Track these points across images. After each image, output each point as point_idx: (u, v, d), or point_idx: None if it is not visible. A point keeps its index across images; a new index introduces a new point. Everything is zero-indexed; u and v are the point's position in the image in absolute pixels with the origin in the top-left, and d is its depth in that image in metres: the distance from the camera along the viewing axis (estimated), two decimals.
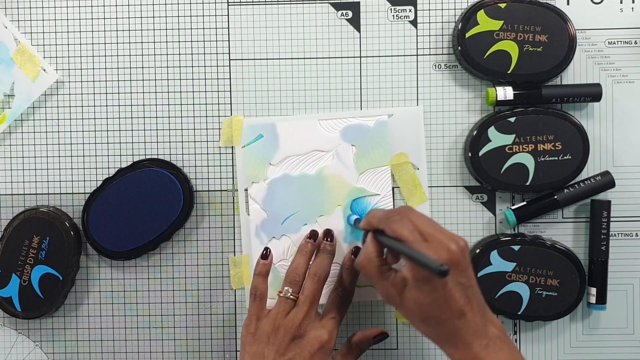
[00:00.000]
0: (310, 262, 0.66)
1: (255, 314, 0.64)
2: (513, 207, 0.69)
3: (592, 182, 0.68)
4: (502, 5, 0.67)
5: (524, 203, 0.69)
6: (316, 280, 0.64)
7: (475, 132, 0.68)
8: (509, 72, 0.67)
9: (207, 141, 0.71)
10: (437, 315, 0.56)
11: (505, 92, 0.68)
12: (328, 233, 0.67)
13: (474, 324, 0.56)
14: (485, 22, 0.67)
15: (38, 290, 0.69)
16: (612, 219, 0.69)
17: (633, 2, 0.70)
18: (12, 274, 0.69)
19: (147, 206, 0.69)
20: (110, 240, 0.69)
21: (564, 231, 0.70)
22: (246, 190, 0.71)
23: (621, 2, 0.70)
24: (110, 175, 0.70)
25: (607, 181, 0.68)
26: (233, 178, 0.71)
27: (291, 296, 0.64)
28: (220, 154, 0.71)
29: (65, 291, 0.69)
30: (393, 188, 0.70)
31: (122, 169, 0.69)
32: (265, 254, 0.67)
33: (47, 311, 0.69)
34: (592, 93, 0.68)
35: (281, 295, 0.64)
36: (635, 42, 0.70)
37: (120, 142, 0.71)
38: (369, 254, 0.60)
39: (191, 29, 0.71)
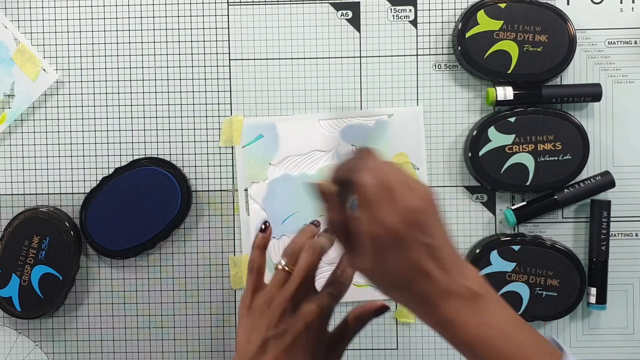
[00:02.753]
0: None
1: (251, 287, 0.62)
2: (513, 207, 0.69)
3: (592, 182, 0.68)
4: (502, 5, 0.67)
5: (524, 203, 0.69)
6: (312, 252, 0.61)
7: (475, 132, 0.68)
8: (509, 72, 0.67)
9: (207, 141, 0.71)
10: (400, 281, 0.50)
11: (505, 92, 0.68)
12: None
13: (442, 283, 0.49)
14: (485, 22, 0.67)
15: (38, 290, 0.69)
16: (612, 219, 0.69)
17: (633, 2, 0.70)
18: (12, 274, 0.69)
19: (144, 205, 0.69)
20: (108, 239, 0.69)
21: (564, 231, 0.70)
22: (246, 190, 0.71)
23: (621, 2, 0.70)
24: (108, 174, 0.70)
25: (607, 181, 0.68)
26: (233, 178, 0.71)
27: (286, 267, 0.61)
28: (220, 154, 0.71)
29: (65, 291, 0.69)
30: None
31: (119, 167, 0.69)
32: (265, 228, 0.64)
33: (47, 311, 0.69)
34: (592, 93, 0.68)
35: (278, 267, 0.61)
36: (635, 42, 0.70)
37: (120, 142, 0.71)
38: (329, 181, 0.52)
39: (191, 29, 0.71)
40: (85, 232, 0.69)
